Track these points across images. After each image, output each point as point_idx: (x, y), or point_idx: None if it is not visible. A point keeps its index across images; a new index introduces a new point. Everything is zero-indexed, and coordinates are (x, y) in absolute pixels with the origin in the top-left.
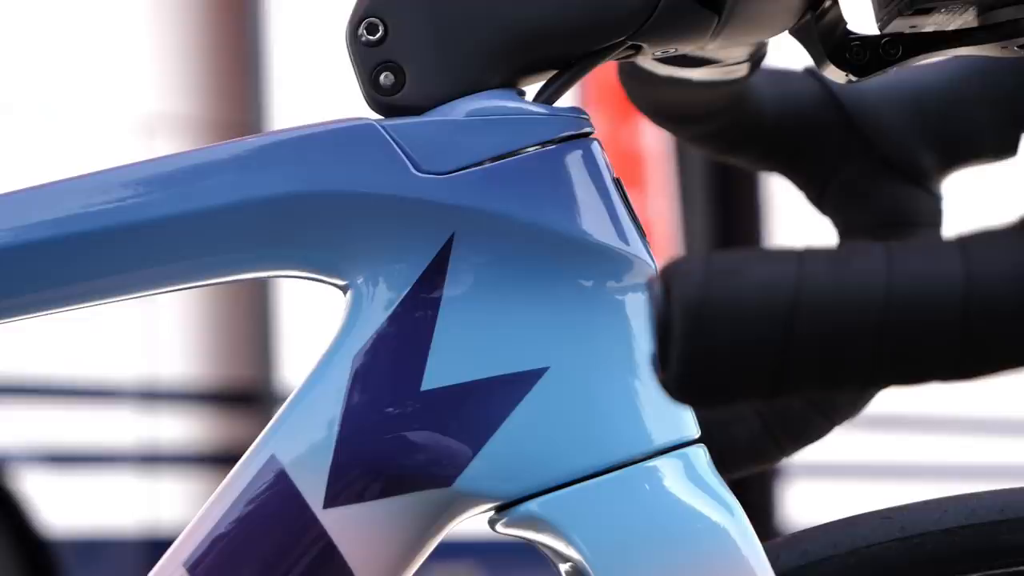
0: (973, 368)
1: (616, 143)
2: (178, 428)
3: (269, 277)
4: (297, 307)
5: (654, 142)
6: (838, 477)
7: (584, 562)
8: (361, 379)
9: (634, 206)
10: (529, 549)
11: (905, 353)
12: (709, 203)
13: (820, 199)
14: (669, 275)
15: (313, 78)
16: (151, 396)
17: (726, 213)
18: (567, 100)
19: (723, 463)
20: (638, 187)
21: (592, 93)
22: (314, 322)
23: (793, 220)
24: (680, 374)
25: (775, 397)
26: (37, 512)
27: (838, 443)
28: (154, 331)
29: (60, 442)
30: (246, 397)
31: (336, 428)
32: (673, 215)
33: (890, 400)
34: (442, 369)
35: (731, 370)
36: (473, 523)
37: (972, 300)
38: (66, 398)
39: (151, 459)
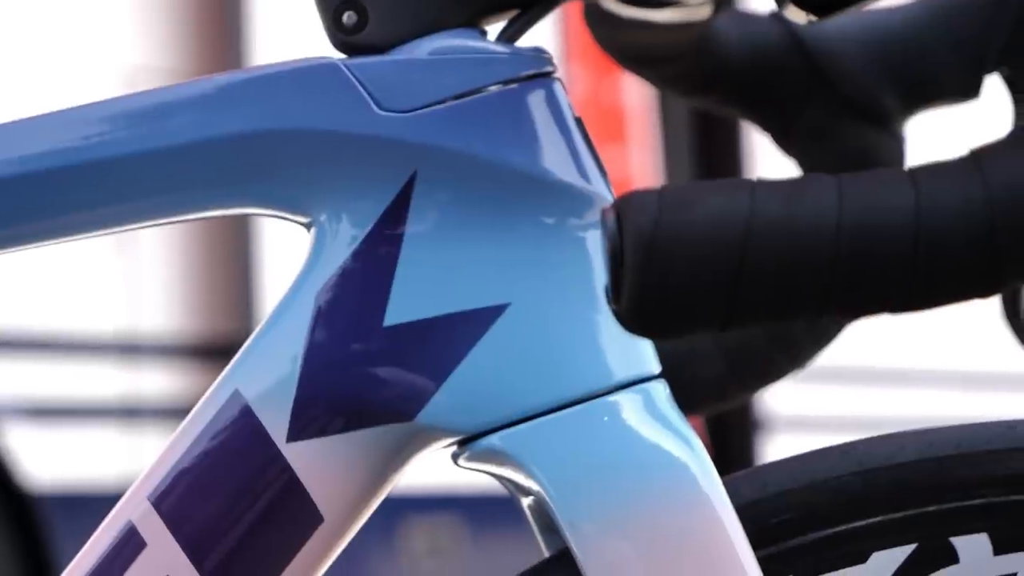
0: (923, 298)
1: (598, 98)
2: (159, 381)
3: (235, 214)
4: (278, 260)
5: (636, 97)
6: (820, 431)
7: (544, 494)
8: (324, 315)
9: (597, 147)
10: (512, 504)
11: (856, 283)
12: (691, 157)
13: (785, 141)
14: (622, 207)
15: (293, 30)
16: (132, 349)
17: (709, 168)
18: (551, 51)
19: (687, 402)
20: (620, 142)
21: (574, 48)
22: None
23: (775, 174)
24: (632, 305)
25: (728, 327)
26: (18, 465)
27: (820, 396)
28: (135, 284)
29: (41, 395)
30: (227, 350)
31: (299, 363)
32: (655, 170)
33: (873, 353)
34: (404, 305)
35: (683, 301)
36: (455, 476)
37: (922, 231)
38: (47, 351)
39: (132, 412)
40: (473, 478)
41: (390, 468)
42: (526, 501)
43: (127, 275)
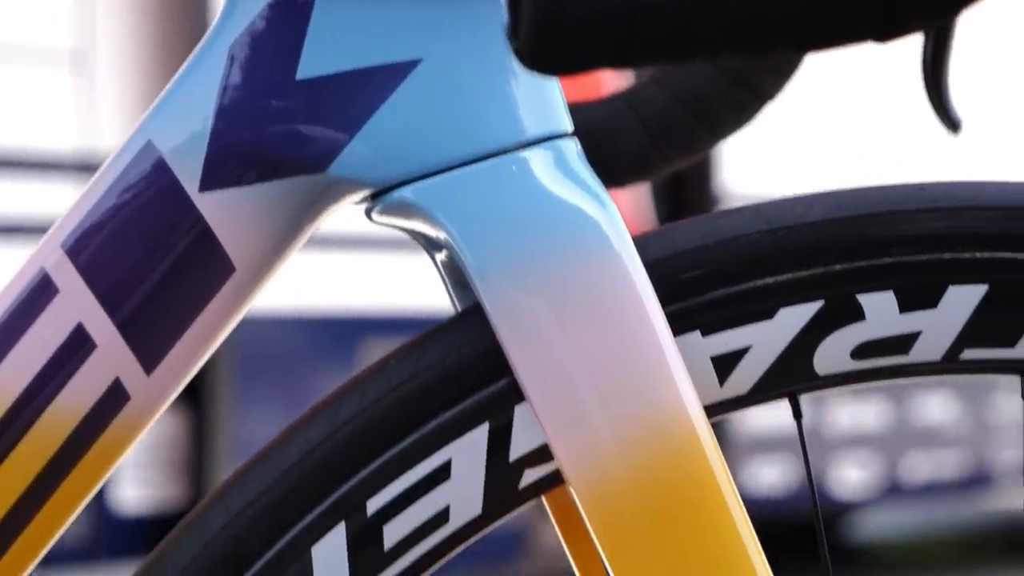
0: (816, 35)
1: None
2: None
3: None
4: None
5: None
6: None
7: (455, 247)
8: (238, 67)
9: None
10: None
11: (752, 19)
12: None
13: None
14: None
15: None
16: (89, 168)
17: None
18: None
19: (610, 175)
20: None
21: None
22: None
23: None
24: (529, 38)
25: (625, 62)
26: None
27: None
28: (91, 102)
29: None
30: None
31: (212, 115)
32: None
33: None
34: (317, 58)
35: (579, 32)
36: (414, 298)
37: None
38: (5, 170)
39: None
40: (431, 301)
41: (302, 221)
42: (439, 257)
43: (82, 92)
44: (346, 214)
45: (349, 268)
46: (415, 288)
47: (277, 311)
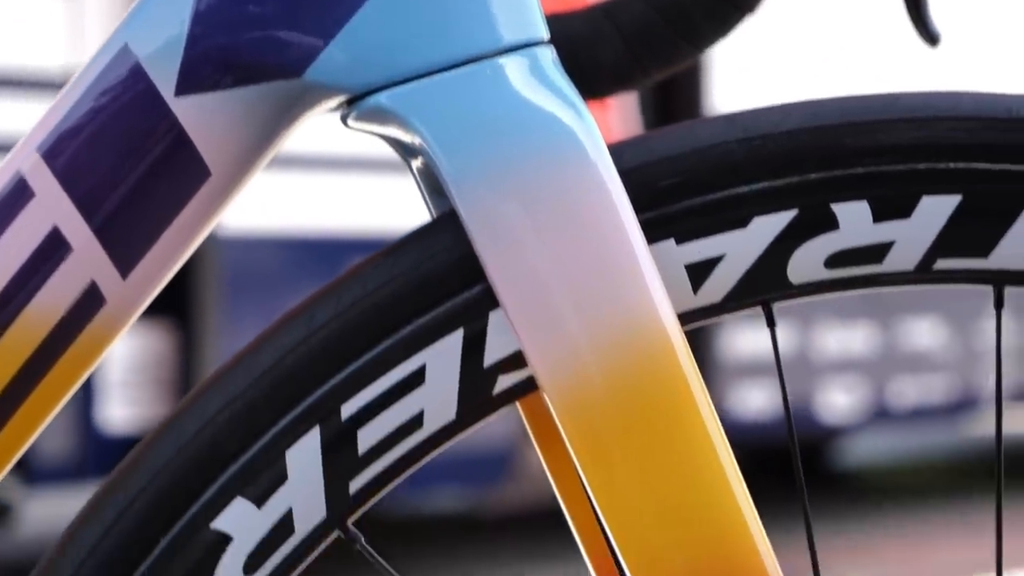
0: None
1: None
2: None
3: None
4: None
5: None
6: None
7: (431, 153)
8: None
9: None
10: None
11: None
12: None
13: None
14: None
15: None
16: None
17: None
18: None
19: (589, 85)
20: None
21: None
22: None
23: None
24: None
25: None
26: None
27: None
28: (79, 20)
29: None
30: None
31: (188, 18)
32: None
33: None
34: None
35: None
36: (396, 220)
37: None
38: None
39: None
40: (417, 222)
41: (278, 126)
42: (415, 163)
43: (72, 10)
44: (334, 135)
45: (335, 190)
46: (401, 210)
47: (264, 232)
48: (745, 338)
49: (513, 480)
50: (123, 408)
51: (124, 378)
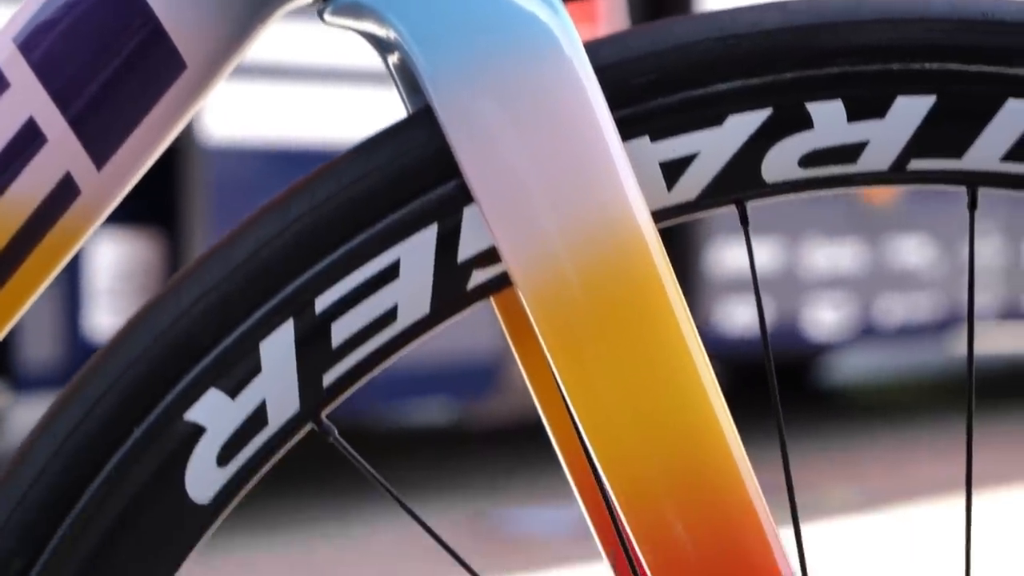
0: None
1: None
2: None
3: None
4: None
5: None
6: None
7: (406, 48)
8: None
9: None
10: None
11: None
12: None
13: None
14: None
15: None
16: None
17: None
18: None
19: None
20: None
21: None
22: None
23: None
24: None
25: None
26: None
27: None
28: None
29: None
30: None
31: None
32: None
33: None
34: None
35: None
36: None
37: None
38: None
39: None
40: None
41: (254, 20)
42: (391, 59)
43: None
44: (322, 45)
45: (323, 100)
46: (389, 122)
47: (251, 141)
48: (732, 253)
49: (499, 393)
50: (109, 316)
51: (111, 286)
